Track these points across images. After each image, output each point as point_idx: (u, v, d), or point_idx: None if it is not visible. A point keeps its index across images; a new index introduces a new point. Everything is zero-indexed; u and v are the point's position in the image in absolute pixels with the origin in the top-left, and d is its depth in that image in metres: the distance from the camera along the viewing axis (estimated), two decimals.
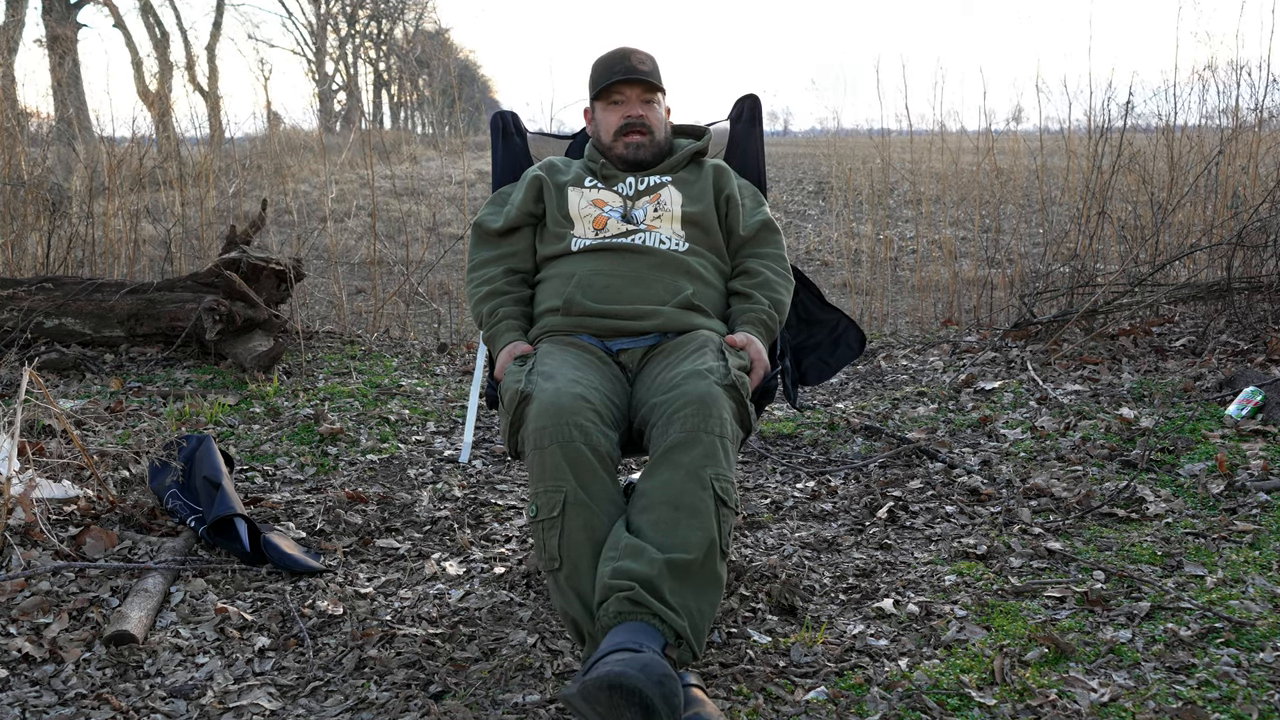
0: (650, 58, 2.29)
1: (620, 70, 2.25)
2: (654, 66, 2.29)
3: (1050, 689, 1.74)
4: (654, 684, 1.47)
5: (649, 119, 2.25)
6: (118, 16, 20.80)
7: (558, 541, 1.72)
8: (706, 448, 1.74)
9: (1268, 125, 5.17)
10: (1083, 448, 3.02)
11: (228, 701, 1.77)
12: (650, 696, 1.46)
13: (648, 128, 2.25)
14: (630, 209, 2.19)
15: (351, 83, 31.64)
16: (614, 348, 2.06)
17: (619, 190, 2.22)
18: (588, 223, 2.17)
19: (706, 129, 2.43)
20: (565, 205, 2.21)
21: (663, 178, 2.24)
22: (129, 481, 2.73)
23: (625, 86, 2.25)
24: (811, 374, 2.39)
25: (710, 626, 1.72)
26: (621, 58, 2.27)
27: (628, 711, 1.47)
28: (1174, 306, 4.57)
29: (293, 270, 4.38)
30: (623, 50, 2.29)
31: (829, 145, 7.39)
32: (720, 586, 1.71)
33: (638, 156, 2.25)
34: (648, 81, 2.25)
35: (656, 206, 2.19)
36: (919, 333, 5.10)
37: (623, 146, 2.25)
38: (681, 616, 1.63)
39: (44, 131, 7.22)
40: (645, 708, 1.46)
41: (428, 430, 3.49)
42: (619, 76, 2.24)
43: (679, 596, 1.64)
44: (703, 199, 2.21)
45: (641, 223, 2.17)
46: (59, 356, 4.05)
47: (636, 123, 2.24)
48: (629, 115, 2.24)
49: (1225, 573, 2.18)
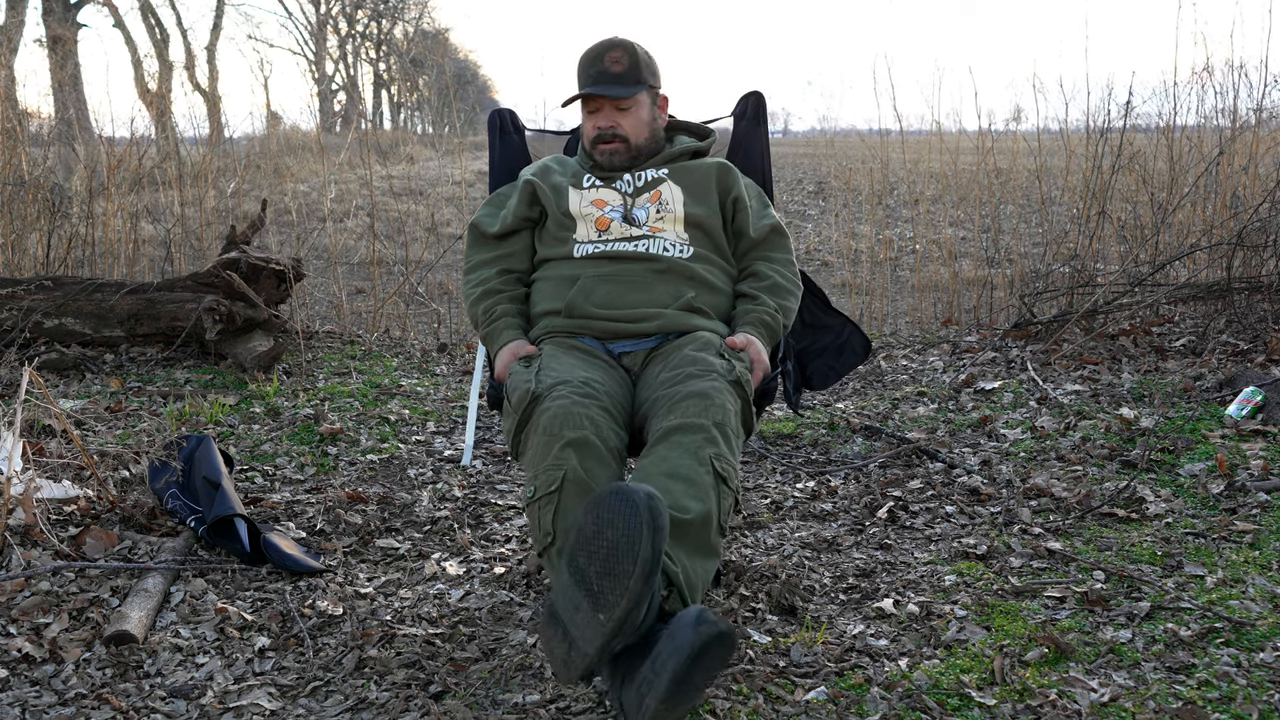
0: (629, 53, 2.19)
1: (591, 78, 2.18)
2: (632, 64, 2.18)
3: (1050, 689, 1.74)
4: (644, 495, 1.44)
5: (622, 127, 2.19)
6: (117, 16, 20.82)
7: (552, 517, 1.69)
8: (708, 432, 1.74)
9: (1267, 125, 5.17)
10: (1083, 448, 3.02)
11: (228, 701, 1.77)
12: (637, 503, 1.42)
13: (621, 137, 2.19)
14: (631, 207, 2.17)
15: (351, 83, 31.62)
16: (616, 350, 2.06)
17: (617, 188, 2.20)
18: (590, 223, 2.15)
19: (712, 132, 2.38)
20: (566, 204, 2.19)
21: (660, 170, 2.21)
22: (129, 481, 2.73)
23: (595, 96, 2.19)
24: (817, 379, 2.39)
25: (703, 592, 1.69)
26: (596, 59, 2.19)
27: (610, 528, 1.44)
28: (1174, 306, 4.57)
29: (292, 270, 4.38)
30: (599, 48, 2.20)
31: (828, 145, 7.40)
32: (715, 558, 1.69)
33: (611, 164, 2.21)
34: (615, 94, 2.16)
35: (659, 207, 2.16)
36: (919, 333, 5.10)
37: (598, 154, 2.22)
38: (675, 564, 1.60)
39: (44, 131, 7.22)
40: (630, 513, 1.43)
41: (428, 430, 3.49)
42: (587, 87, 2.18)
43: (672, 548, 1.61)
44: (707, 200, 2.19)
45: (645, 225, 2.14)
46: (59, 356, 4.05)
47: (607, 134, 2.19)
48: (600, 126, 2.19)
49: (1225, 573, 2.18)
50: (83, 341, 4.23)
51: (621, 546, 1.42)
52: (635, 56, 2.19)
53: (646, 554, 1.41)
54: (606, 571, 1.44)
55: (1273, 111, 5.21)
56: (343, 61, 33.75)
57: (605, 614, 1.44)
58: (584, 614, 1.47)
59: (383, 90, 34.92)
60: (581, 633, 1.47)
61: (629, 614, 1.43)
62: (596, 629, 1.45)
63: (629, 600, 1.42)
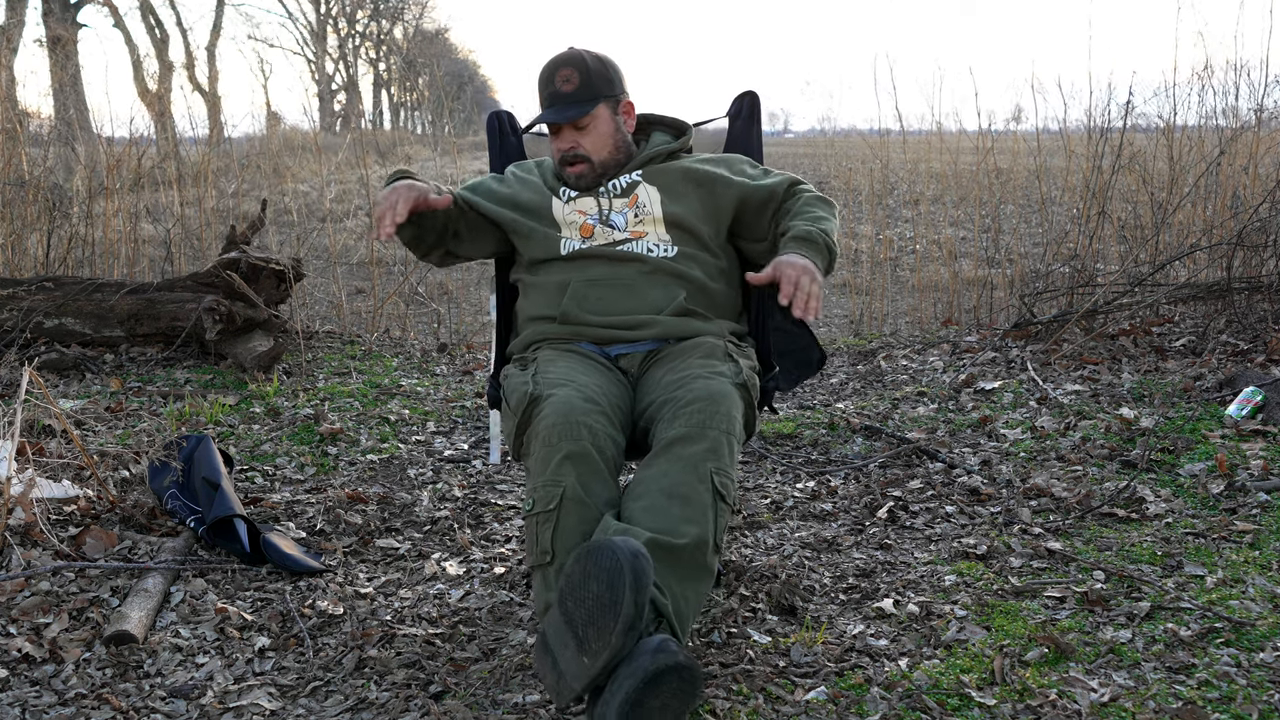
0: (578, 70, 2.10)
1: (544, 101, 2.12)
2: (583, 80, 2.10)
3: (1050, 689, 1.74)
4: (628, 553, 1.48)
5: (583, 146, 2.12)
6: (117, 16, 20.82)
7: (551, 535, 1.70)
8: (712, 443, 1.73)
9: (1268, 125, 5.17)
10: (1083, 448, 3.02)
11: (228, 701, 1.77)
12: (621, 562, 1.47)
13: (583, 157, 2.13)
14: (608, 213, 2.12)
15: (351, 83, 31.63)
16: (613, 353, 2.05)
17: (594, 194, 2.15)
18: (574, 229, 2.12)
19: (689, 127, 2.31)
20: (550, 212, 2.15)
21: (634, 175, 2.15)
22: (129, 481, 2.73)
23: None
24: (785, 382, 2.34)
25: (696, 615, 1.70)
26: (547, 80, 2.12)
27: (595, 581, 1.49)
28: (1174, 306, 4.57)
29: (292, 270, 4.38)
30: (548, 69, 2.13)
31: (828, 145, 7.39)
32: (710, 577, 1.69)
33: (579, 186, 2.15)
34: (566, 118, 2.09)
35: (636, 211, 2.12)
36: (919, 333, 5.10)
37: (567, 176, 2.16)
38: (665, 596, 1.61)
39: (44, 132, 7.22)
40: (613, 573, 1.48)
41: (428, 430, 3.49)
42: (540, 115, 2.12)
43: (663, 578, 1.62)
44: (684, 199, 2.13)
45: (625, 229, 2.10)
46: (59, 356, 4.05)
47: (569, 155, 2.13)
48: (561, 149, 2.13)
49: (1225, 573, 2.18)
50: (83, 341, 4.23)
51: (605, 601, 1.48)
52: (586, 71, 2.10)
53: (629, 611, 1.46)
54: (591, 621, 1.50)
55: (1273, 111, 5.21)
56: (343, 61, 33.77)
57: (590, 659, 1.49)
58: (571, 652, 1.52)
59: (382, 90, 34.93)
60: (569, 668, 1.53)
61: (612, 661, 1.48)
62: (582, 670, 1.51)
63: (611, 652, 1.47)
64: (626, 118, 2.19)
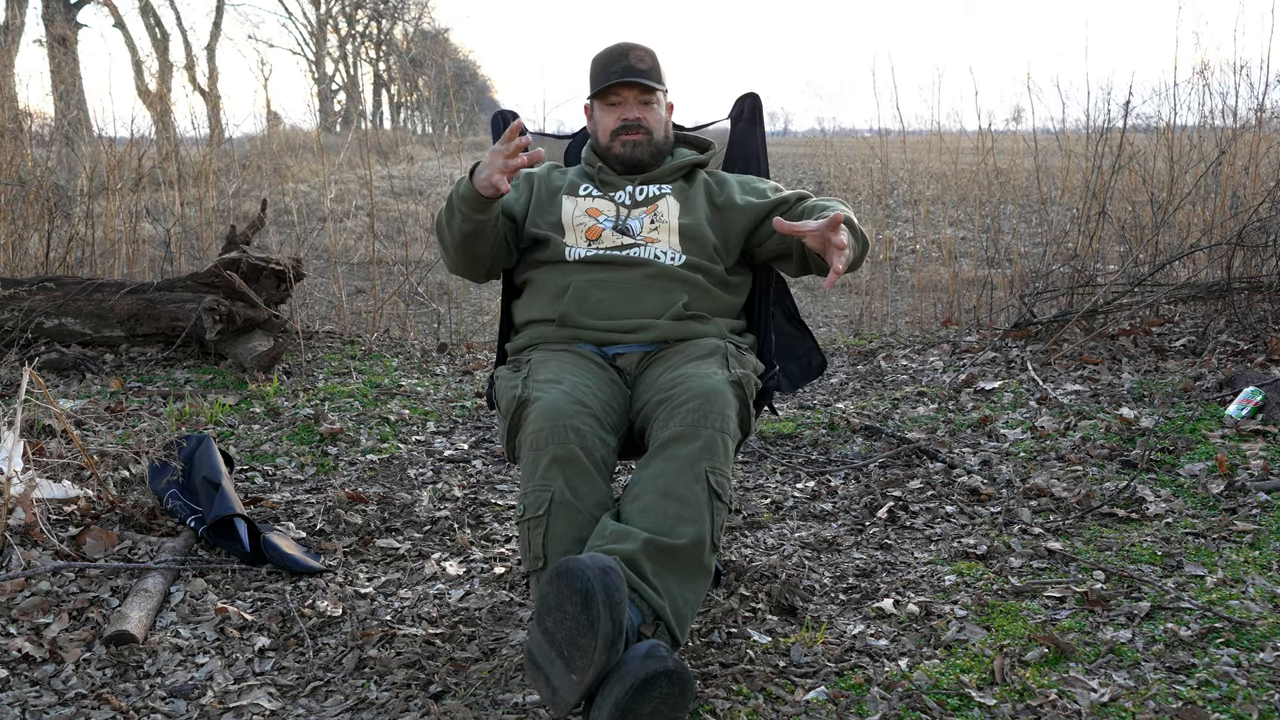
0: (650, 54, 2.23)
1: (617, 71, 2.19)
2: (653, 64, 2.22)
3: (1050, 689, 1.74)
4: (597, 571, 1.49)
5: (647, 120, 2.20)
6: (118, 16, 20.81)
7: (542, 540, 1.71)
8: (706, 442, 1.73)
9: (1268, 125, 5.17)
10: (1083, 448, 3.02)
11: (228, 701, 1.77)
12: (591, 581, 1.48)
13: (645, 128, 2.20)
14: (625, 219, 2.15)
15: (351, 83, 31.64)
16: (610, 352, 2.05)
17: (615, 199, 2.18)
18: (580, 233, 2.13)
19: (712, 144, 2.38)
20: (558, 212, 2.17)
21: (662, 187, 2.20)
22: (129, 481, 2.73)
23: (622, 88, 2.20)
24: (786, 383, 2.36)
25: (695, 615, 1.71)
26: (620, 56, 2.21)
27: (569, 603, 1.50)
28: (1174, 306, 4.57)
29: (292, 270, 4.38)
30: (621, 48, 2.23)
31: (828, 145, 7.38)
32: (707, 577, 1.70)
33: (634, 155, 2.20)
34: (645, 84, 2.19)
35: (654, 218, 2.14)
36: (919, 333, 5.10)
37: (620, 145, 2.20)
38: (662, 597, 1.62)
39: (45, 132, 7.22)
40: (585, 593, 1.48)
41: (428, 430, 3.49)
42: (615, 79, 2.19)
43: (660, 578, 1.63)
44: (697, 212, 2.16)
45: (638, 235, 2.12)
46: (59, 356, 4.05)
47: (633, 124, 2.20)
48: (626, 118, 2.20)
49: (1225, 573, 2.18)
50: (83, 341, 4.23)
51: (582, 622, 1.49)
52: (655, 59, 2.23)
53: (607, 629, 1.47)
54: (572, 641, 1.51)
55: (1273, 111, 5.21)
56: (343, 61, 33.76)
57: (579, 676, 1.50)
58: (559, 669, 1.53)
59: (382, 90, 34.92)
60: (560, 684, 1.53)
61: (599, 675, 1.49)
62: (572, 685, 1.51)
63: (596, 670, 1.48)
64: (668, 116, 2.30)
